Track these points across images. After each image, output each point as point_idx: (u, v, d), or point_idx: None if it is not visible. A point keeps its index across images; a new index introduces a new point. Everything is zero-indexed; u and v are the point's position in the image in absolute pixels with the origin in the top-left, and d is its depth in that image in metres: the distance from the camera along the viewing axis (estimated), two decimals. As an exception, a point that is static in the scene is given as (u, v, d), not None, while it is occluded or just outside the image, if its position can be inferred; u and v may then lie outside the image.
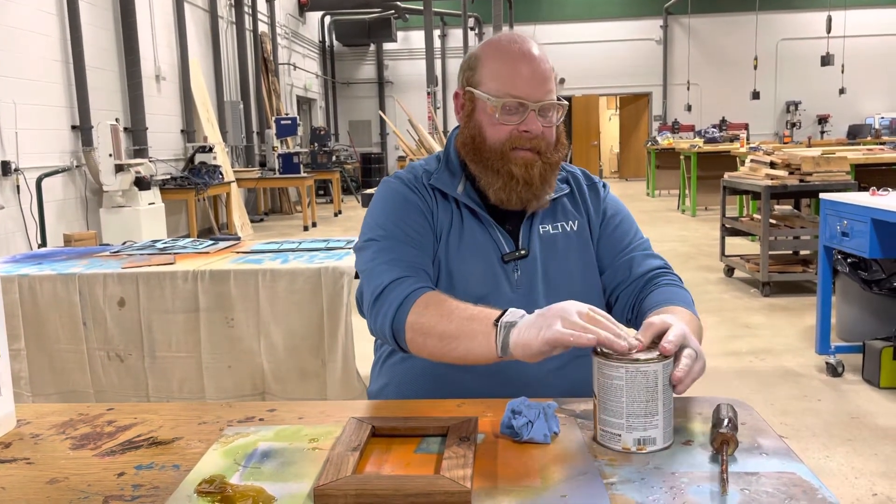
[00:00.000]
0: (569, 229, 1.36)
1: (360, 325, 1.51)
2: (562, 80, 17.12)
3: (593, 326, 0.94)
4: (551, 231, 1.35)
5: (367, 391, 1.49)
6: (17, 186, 5.90)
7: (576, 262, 1.35)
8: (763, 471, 0.85)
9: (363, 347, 1.53)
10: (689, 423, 0.99)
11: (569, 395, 1.16)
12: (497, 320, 1.05)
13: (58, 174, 6.32)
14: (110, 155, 6.44)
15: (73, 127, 6.82)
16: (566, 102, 1.32)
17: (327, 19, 16.51)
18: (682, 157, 10.27)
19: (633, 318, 1.31)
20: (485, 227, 1.33)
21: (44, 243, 5.81)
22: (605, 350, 0.93)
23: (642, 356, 0.92)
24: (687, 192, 10.14)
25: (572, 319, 0.96)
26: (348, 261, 2.60)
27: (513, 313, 1.05)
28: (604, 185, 1.45)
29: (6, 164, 5.74)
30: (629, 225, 1.40)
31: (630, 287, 1.33)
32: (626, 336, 0.94)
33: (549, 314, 0.99)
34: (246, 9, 11.52)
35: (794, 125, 16.48)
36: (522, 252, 1.32)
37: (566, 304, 0.99)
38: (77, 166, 6.81)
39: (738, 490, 0.80)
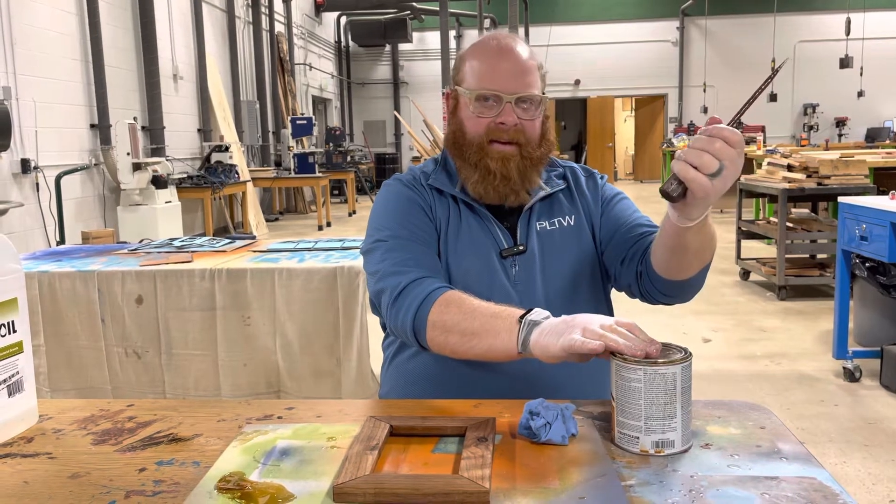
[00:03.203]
0: (566, 224, 1.37)
1: (375, 325, 1.51)
2: (577, 81, 17.10)
3: (612, 336, 0.94)
4: (549, 227, 1.36)
5: (378, 393, 1.50)
6: (37, 184, 5.96)
7: (573, 258, 1.35)
8: (783, 475, 0.85)
9: (378, 347, 1.54)
10: (707, 426, 0.99)
11: (582, 398, 1.16)
12: (522, 317, 1.06)
13: (76, 172, 6.38)
14: (128, 153, 6.50)
15: (92, 125, 6.88)
16: (546, 96, 1.33)
17: (343, 20, 16.56)
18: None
19: (645, 269, 1.27)
20: (483, 222, 1.34)
21: (62, 240, 5.87)
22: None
23: (661, 358, 0.92)
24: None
25: (593, 329, 0.96)
26: (364, 260, 2.61)
27: (538, 313, 1.06)
28: (601, 177, 1.46)
29: (26, 162, 5.80)
30: (629, 204, 1.42)
31: (637, 244, 1.31)
32: (645, 343, 0.94)
33: (573, 322, 0.99)
34: (263, 9, 11.58)
35: (811, 128, 16.35)
36: (520, 248, 1.33)
37: (592, 316, 1.00)
38: (95, 164, 6.87)
39: (759, 494, 0.80)
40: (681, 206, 1.05)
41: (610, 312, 1.40)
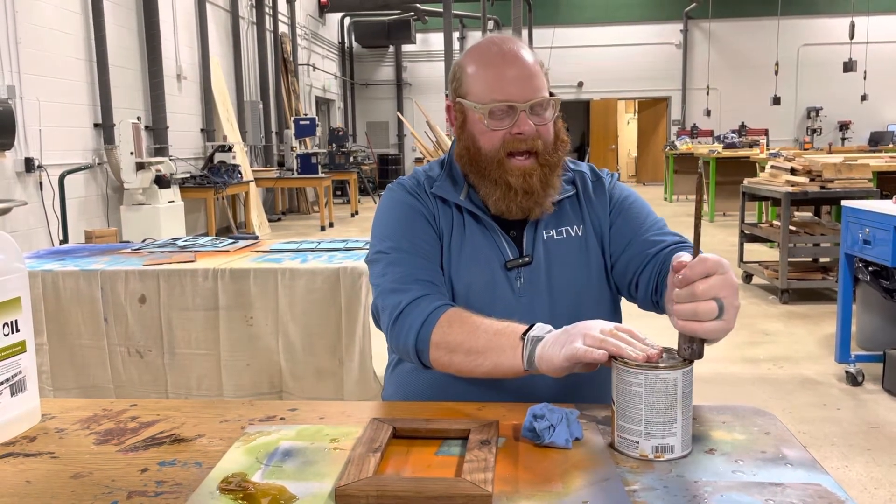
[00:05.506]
0: (573, 234, 1.32)
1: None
2: (580, 84, 17.10)
3: (613, 340, 0.94)
4: (556, 237, 1.31)
5: (381, 394, 1.49)
6: (40, 183, 5.97)
7: (581, 268, 1.30)
8: (788, 481, 0.84)
9: (380, 347, 1.53)
10: (712, 431, 0.99)
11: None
12: (524, 334, 1.05)
13: (80, 171, 6.39)
14: (131, 153, 6.51)
15: (96, 125, 6.89)
16: (558, 97, 1.27)
17: (347, 21, 16.59)
18: (700, 161, 10.22)
19: (659, 299, 1.22)
20: (488, 233, 1.30)
21: (65, 239, 5.88)
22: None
23: (662, 363, 0.92)
24: (705, 197, 10.07)
25: (594, 335, 0.96)
26: (367, 261, 2.61)
27: (540, 328, 1.06)
28: (610, 176, 1.40)
29: (29, 161, 5.81)
30: (641, 206, 1.35)
31: (650, 265, 1.25)
32: (646, 348, 0.93)
33: (574, 331, 0.99)
34: (267, 9, 11.59)
35: (814, 131, 16.34)
36: (526, 259, 1.29)
37: (591, 322, 0.99)
38: (99, 164, 6.88)
39: (763, 501, 0.80)
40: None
41: None
